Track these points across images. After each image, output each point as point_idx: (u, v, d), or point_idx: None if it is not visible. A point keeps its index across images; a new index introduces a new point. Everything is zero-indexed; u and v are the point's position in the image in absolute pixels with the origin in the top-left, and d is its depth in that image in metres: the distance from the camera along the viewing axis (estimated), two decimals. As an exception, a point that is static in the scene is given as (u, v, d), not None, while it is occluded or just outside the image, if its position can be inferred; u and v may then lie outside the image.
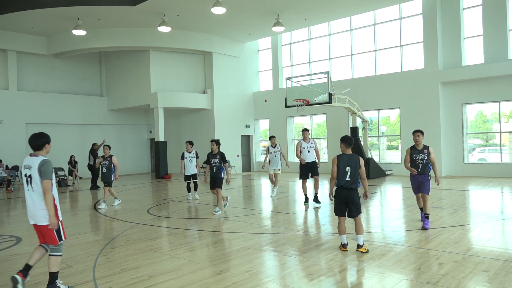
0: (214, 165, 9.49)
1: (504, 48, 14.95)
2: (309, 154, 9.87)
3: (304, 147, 9.90)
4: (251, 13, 16.87)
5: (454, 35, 16.05)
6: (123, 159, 22.47)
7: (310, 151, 9.90)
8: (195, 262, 5.49)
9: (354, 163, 5.68)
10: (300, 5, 16.14)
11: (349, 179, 5.65)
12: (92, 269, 5.31)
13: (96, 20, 16.68)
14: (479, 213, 8.65)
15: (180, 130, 22.13)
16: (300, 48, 21.18)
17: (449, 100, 16.27)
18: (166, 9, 15.88)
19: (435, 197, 10.72)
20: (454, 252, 5.53)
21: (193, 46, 19.67)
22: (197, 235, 7.16)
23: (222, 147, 20.90)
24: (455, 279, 4.49)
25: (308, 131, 10.20)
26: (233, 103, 21.31)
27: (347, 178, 5.65)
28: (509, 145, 16.14)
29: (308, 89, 14.87)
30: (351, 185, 5.66)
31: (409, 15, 17.29)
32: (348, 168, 5.66)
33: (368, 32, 18.61)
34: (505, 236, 6.77)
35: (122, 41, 18.57)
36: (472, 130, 16.69)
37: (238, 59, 21.65)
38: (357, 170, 5.68)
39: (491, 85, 15.24)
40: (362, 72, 18.78)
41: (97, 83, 22.33)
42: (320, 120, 21.12)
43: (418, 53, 17.03)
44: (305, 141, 9.94)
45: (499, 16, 15.00)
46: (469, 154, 16.43)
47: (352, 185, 5.66)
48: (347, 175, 5.65)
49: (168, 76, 20.08)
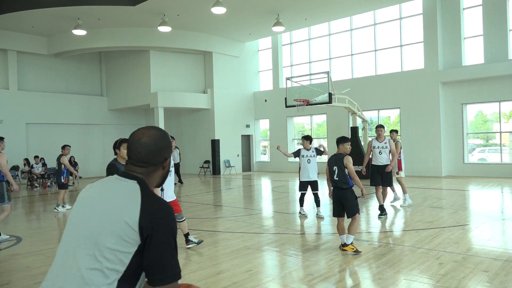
0: None
1: (504, 48, 14.95)
2: (380, 155, 8.36)
3: (375, 147, 8.45)
4: (251, 13, 16.87)
5: (454, 35, 16.05)
6: (123, 159, 22.50)
7: (382, 152, 8.37)
8: (195, 262, 5.50)
9: (340, 162, 5.78)
10: (301, 5, 16.14)
11: (337, 178, 5.79)
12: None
13: (96, 20, 16.68)
14: (479, 213, 8.65)
15: (180, 130, 22.13)
16: (300, 48, 21.18)
17: (449, 100, 16.26)
18: (166, 9, 15.89)
19: (435, 197, 10.72)
20: (454, 252, 5.53)
21: (193, 46, 19.67)
22: (197, 235, 7.17)
23: (222, 147, 21.11)
24: (455, 279, 4.49)
25: (384, 127, 8.66)
26: (233, 103, 21.31)
27: (335, 177, 5.81)
28: (509, 145, 16.13)
29: (308, 89, 14.87)
30: (341, 184, 5.75)
31: (409, 15, 17.28)
32: (335, 168, 5.81)
33: (368, 32, 18.60)
34: (505, 236, 6.77)
35: (122, 41, 18.58)
36: (472, 130, 16.68)
37: (238, 59, 21.65)
38: (343, 169, 5.75)
39: (491, 85, 15.24)
40: (362, 72, 18.78)
41: (97, 83, 22.33)
42: (320, 120, 21.12)
43: (418, 53, 17.03)
44: (379, 140, 8.49)
45: (499, 16, 14.99)
46: (469, 154, 16.42)
47: (342, 184, 5.74)
48: (334, 175, 5.81)
49: (168, 76, 20.08)
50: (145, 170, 1.56)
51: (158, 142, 1.57)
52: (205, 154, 20.92)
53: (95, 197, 1.53)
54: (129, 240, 1.39)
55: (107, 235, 1.40)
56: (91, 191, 1.57)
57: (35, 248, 6.58)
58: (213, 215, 9.22)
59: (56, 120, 19.85)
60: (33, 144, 18.84)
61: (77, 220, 1.51)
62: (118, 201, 1.46)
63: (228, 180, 17.97)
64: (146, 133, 1.58)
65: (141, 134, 1.57)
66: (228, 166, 20.90)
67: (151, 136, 1.57)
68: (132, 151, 1.57)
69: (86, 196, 1.57)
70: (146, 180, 1.56)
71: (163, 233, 1.42)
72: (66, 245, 1.48)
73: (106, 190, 1.53)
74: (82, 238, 1.44)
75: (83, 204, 1.54)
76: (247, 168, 22.36)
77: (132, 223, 1.40)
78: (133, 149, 1.56)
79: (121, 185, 1.51)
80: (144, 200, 1.45)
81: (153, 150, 1.55)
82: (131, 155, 1.57)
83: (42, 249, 6.53)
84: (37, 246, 6.73)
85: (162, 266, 1.39)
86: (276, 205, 10.59)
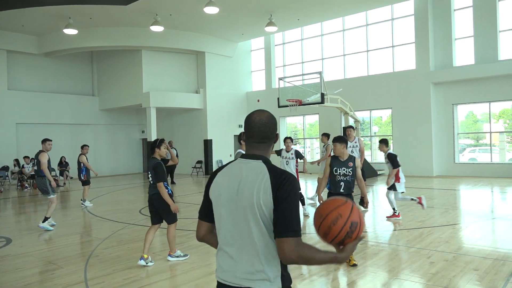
0: None
1: (494, 49, 15.11)
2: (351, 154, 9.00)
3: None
4: (244, 13, 16.86)
5: (445, 36, 16.19)
6: (114, 159, 22.36)
7: (354, 151, 8.91)
8: (188, 263, 5.48)
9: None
10: (293, 5, 16.17)
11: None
12: (84, 270, 5.27)
13: (88, 19, 16.55)
14: (470, 212, 8.74)
15: (172, 130, 22.05)
16: (293, 48, 21.22)
17: (440, 100, 16.40)
18: (158, 9, 15.82)
19: (426, 197, 10.80)
20: (445, 251, 5.58)
21: (186, 45, 19.61)
22: (189, 235, 7.15)
23: (214, 147, 21.05)
24: (446, 278, 4.53)
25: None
26: (226, 103, 21.29)
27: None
28: (499, 145, 16.32)
29: (300, 89, 14.90)
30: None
31: (401, 16, 17.40)
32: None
33: (361, 33, 18.69)
34: (495, 235, 6.85)
35: (114, 41, 18.45)
36: (462, 130, 16.85)
37: (231, 59, 21.63)
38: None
39: (481, 85, 15.39)
40: (355, 73, 18.87)
41: (88, 82, 22.17)
42: (312, 120, 21.18)
43: (410, 54, 17.15)
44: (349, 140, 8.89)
45: (490, 17, 15.15)
46: (459, 154, 16.58)
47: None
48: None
49: (160, 76, 19.99)
50: (265, 146, 1.91)
51: (273, 120, 1.94)
52: (198, 154, 20.87)
53: (234, 178, 1.84)
54: (269, 205, 1.73)
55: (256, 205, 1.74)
56: (227, 175, 1.88)
57: (25, 250, 6.51)
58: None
59: (46, 120, 19.65)
60: (23, 144, 18.62)
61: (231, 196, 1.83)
62: (253, 178, 1.79)
63: (220, 180, 17.91)
64: (262, 115, 1.92)
65: (259, 117, 1.91)
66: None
67: (267, 116, 1.93)
68: (255, 130, 1.89)
69: (223, 180, 1.88)
70: (267, 156, 1.91)
71: (289, 197, 1.73)
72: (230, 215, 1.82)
73: (241, 170, 1.85)
74: (242, 209, 1.78)
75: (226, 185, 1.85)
76: (240, 168, 22.30)
77: (267, 193, 1.73)
78: (256, 129, 1.89)
79: (251, 166, 1.83)
80: (271, 173, 1.77)
81: (271, 126, 1.91)
82: (254, 134, 1.89)
83: (32, 250, 6.47)
84: (27, 248, 6.66)
85: (289, 223, 1.70)
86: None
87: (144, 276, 4.96)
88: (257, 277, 1.76)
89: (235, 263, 1.80)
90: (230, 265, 1.82)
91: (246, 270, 1.78)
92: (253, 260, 1.77)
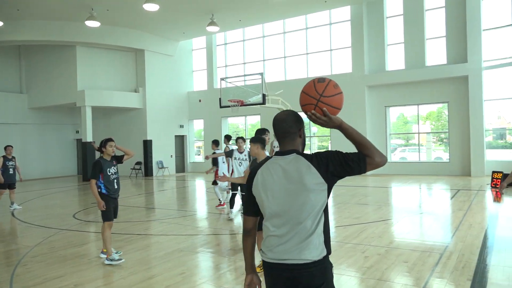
0: None
1: (421, 55, 16.23)
2: (240, 167, 8.06)
3: (236, 158, 8.08)
4: (185, 12, 16.61)
5: (378, 42, 17.10)
6: (45, 160, 20.98)
7: (243, 163, 8.04)
8: (126, 268, 5.28)
9: None
10: (235, 6, 16.21)
11: None
12: (9, 282, 4.88)
13: (14, 10, 15.38)
14: (400, 208, 9.32)
15: (109, 129, 21.13)
16: (234, 49, 21.27)
17: (374, 102, 17.30)
18: (94, 3, 15.10)
19: (362, 194, 11.34)
20: (378, 246, 5.89)
21: (124, 43, 18.92)
22: (128, 239, 6.90)
23: (154, 148, 20.52)
24: (379, 271, 4.79)
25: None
26: (166, 103, 20.84)
27: None
28: (426, 145, 17.57)
29: (242, 90, 14.97)
30: None
31: (338, 21, 18.12)
32: None
33: (301, 36, 19.20)
34: (423, 229, 7.37)
35: (45, 35, 17.32)
36: (394, 131, 17.92)
37: (172, 58, 21.21)
38: None
39: (411, 89, 16.46)
40: (295, 74, 19.33)
41: (16, 79, 20.61)
42: (254, 121, 21.38)
43: (346, 58, 17.91)
44: (239, 151, 8.10)
45: (418, 26, 16.25)
46: (391, 154, 17.62)
47: None
48: None
49: (97, 74, 19.10)
50: (290, 140, 2.12)
51: (290, 116, 2.17)
52: (137, 155, 20.18)
53: (275, 172, 2.06)
54: (320, 183, 2.00)
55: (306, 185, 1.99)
56: (266, 170, 2.09)
57: None
58: (145, 218, 8.94)
59: (-33, 118, 18.00)
60: None
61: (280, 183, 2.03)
62: (294, 166, 2.03)
63: (161, 181, 17.52)
64: (281, 113, 2.19)
65: (278, 115, 2.18)
66: (161, 167, 20.39)
67: (286, 113, 2.18)
68: (278, 128, 2.14)
69: (266, 174, 2.08)
70: (298, 149, 2.14)
71: (330, 152, 2.11)
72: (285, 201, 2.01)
73: (280, 164, 2.07)
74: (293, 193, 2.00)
75: (269, 178, 2.06)
76: (181, 169, 21.98)
77: (312, 173, 1.99)
78: (278, 126, 2.14)
79: (288, 160, 2.07)
80: (307, 157, 2.05)
81: (289, 121, 2.14)
82: (277, 132, 2.14)
83: (-51, 261, 5.88)
84: None
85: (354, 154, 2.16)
86: (210, 206, 10.52)
87: (78, 283, 4.70)
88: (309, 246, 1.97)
89: (286, 242, 2.00)
90: (279, 245, 2.02)
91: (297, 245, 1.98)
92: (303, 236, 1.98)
